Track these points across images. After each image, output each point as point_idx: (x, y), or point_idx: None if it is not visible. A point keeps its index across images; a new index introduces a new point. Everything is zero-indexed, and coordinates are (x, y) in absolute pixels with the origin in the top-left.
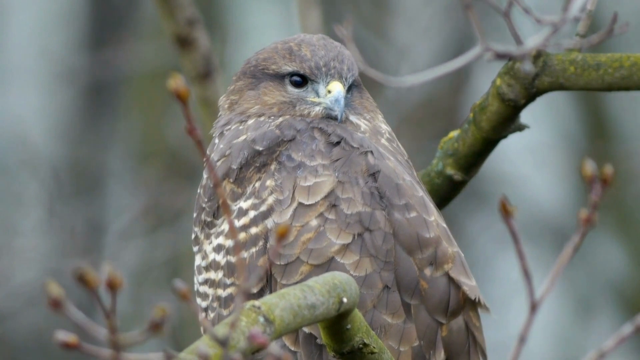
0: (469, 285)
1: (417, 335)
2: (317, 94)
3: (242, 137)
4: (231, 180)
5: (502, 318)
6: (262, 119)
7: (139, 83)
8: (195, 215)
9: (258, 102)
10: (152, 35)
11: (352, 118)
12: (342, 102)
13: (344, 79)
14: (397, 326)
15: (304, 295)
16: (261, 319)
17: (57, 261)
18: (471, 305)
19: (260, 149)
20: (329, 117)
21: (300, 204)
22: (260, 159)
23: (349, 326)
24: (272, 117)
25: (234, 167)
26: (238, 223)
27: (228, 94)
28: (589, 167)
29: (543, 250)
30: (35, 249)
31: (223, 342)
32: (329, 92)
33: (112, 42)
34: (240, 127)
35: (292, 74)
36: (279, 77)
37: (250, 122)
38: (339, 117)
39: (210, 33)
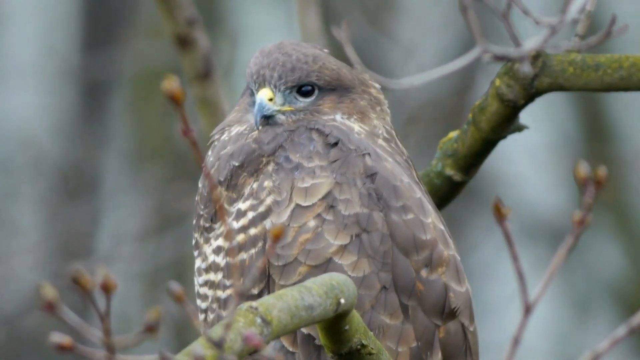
0: (457, 292)
1: (414, 336)
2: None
3: (227, 149)
4: (224, 188)
5: (501, 319)
6: (241, 129)
7: (139, 82)
8: (194, 221)
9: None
10: (151, 34)
11: (339, 118)
12: (260, 109)
13: (272, 86)
14: (395, 327)
15: (301, 296)
16: (258, 320)
17: (57, 263)
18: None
19: (237, 164)
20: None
21: (297, 205)
22: (248, 168)
23: (347, 327)
24: (248, 129)
25: (221, 179)
26: (237, 224)
27: None
28: (583, 168)
29: (541, 251)
30: (35, 250)
31: (218, 344)
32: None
33: (111, 41)
34: (226, 138)
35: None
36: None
37: (233, 132)
38: (255, 123)
39: (212, 34)
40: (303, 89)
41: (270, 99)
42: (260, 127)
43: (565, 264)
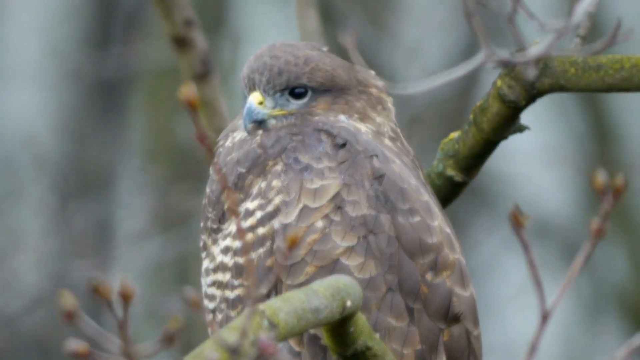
0: (461, 296)
1: (419, 339)
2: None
3: (232, 155)
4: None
5: (503, 318)
6: (244, 135)
7: (147, 81)
8: (202, 224)
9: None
10: (155, 33)
11: (344, 119)
12: (249, 113)
13: (261, 90)
14: (400, 329)
15: (307, 299)
16: (265, 323)
17: (64, 263)
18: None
19: (244, 170)
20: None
21: (306, 205)
22: (254, 171)
23: (352, 329)
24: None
25: (229, 185)
26: (245, 224)
27: None
28: (601, 176)
29: (548, 252)
30: (37, 250)
31: (234, 350)
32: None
33: (119, 39)
34: (229, 145)
35: None
36: None
37: (236, 138)
38: (244, 127)
39: (214, 34)
40: (295, 92)
41: (260, 103)
42: (250, 132)
43: (578, 272)
